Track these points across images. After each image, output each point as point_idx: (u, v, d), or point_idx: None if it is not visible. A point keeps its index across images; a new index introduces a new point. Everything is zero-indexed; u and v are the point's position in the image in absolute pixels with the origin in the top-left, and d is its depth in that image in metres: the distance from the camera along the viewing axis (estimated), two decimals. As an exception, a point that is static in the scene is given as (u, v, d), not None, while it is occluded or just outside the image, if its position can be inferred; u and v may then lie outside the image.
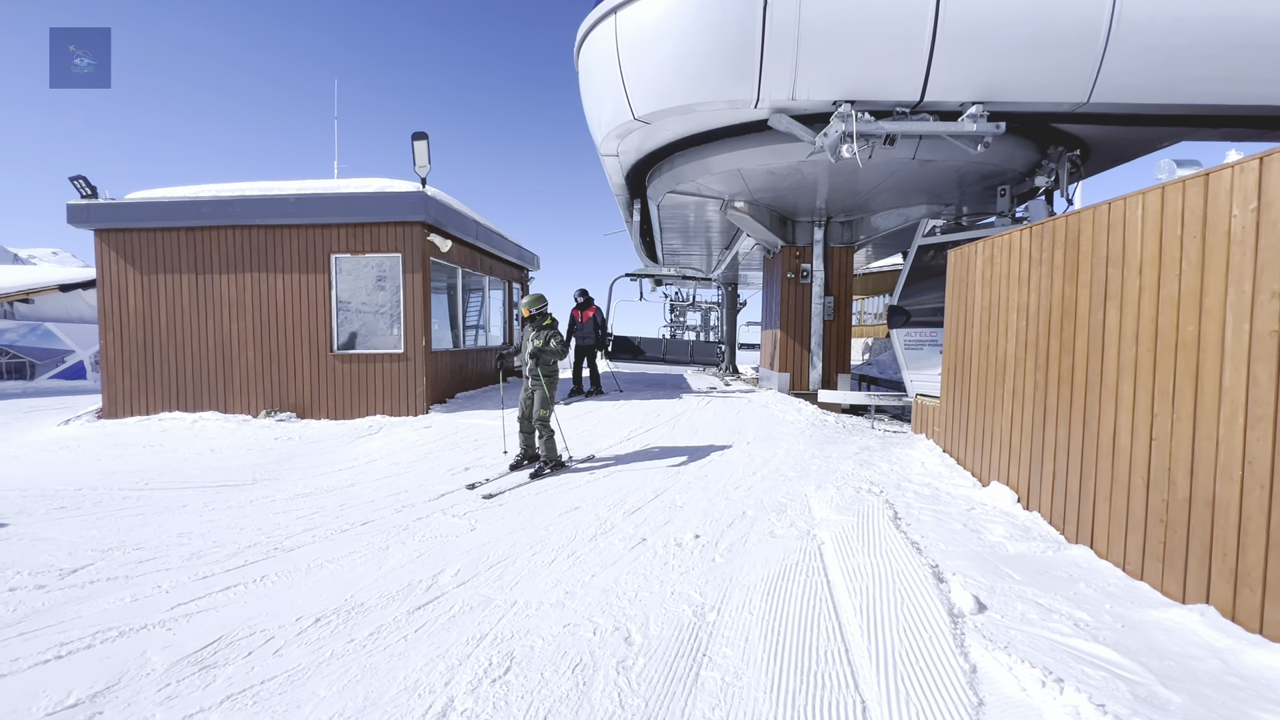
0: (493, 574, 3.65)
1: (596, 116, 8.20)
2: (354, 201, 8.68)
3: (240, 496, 5.43)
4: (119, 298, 8.98)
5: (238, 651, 2.89)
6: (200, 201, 8.79)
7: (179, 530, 4.56)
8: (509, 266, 13.23)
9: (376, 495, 5.39)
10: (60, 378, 16.55)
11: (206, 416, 8.49)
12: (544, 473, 5.78)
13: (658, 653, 2.73)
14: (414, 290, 8.79)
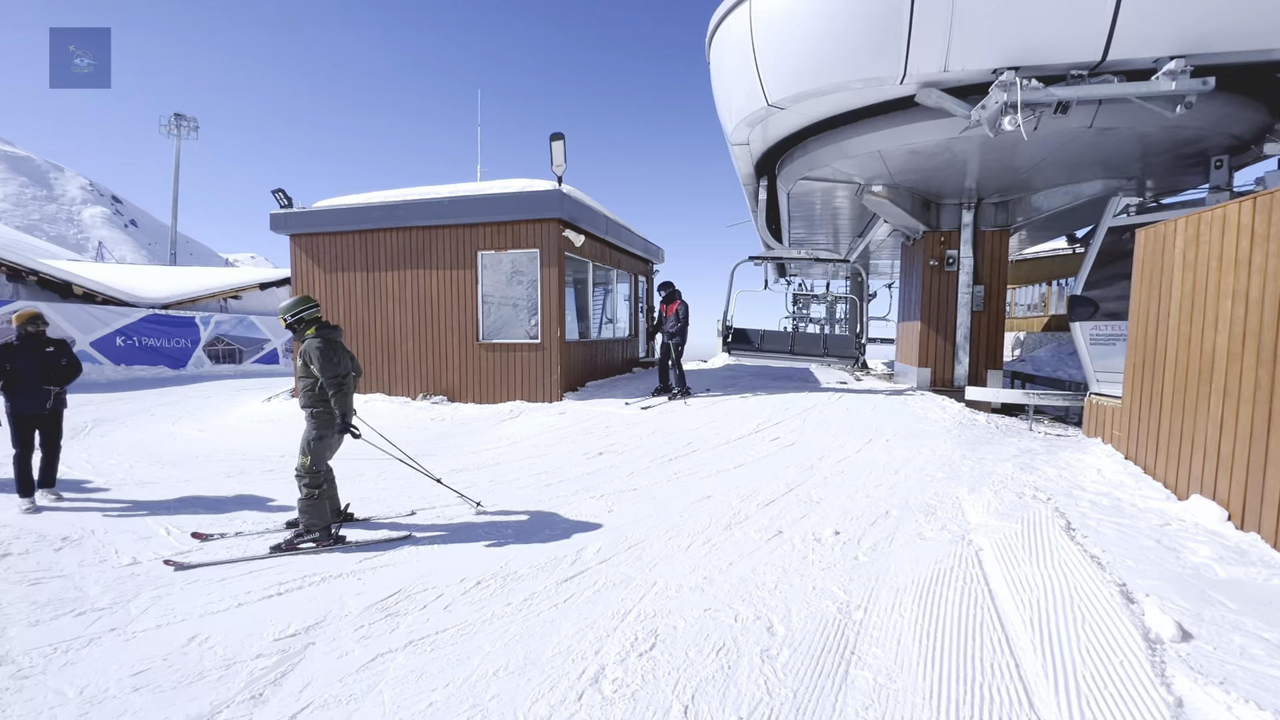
0: (631, 554, 3.78)
1: (727, 106, 8.13)
2: (498, 201, 9.33)
3: (406, 469, 6.08)
4: (308, 293, 10.39)
5: (415, 604, 3.25)
6: (371, 207, 9.91)
7: (361, 495, 5.20)
8: (635, 259, 13.53)
9: (520, 474, 5.79)
10: (260, 362, 19.50)
11: (375, 398, 9.60)
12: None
13: (802, 646, 2.69)
14: (550, 283, 9.29)
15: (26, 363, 4.88)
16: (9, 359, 4.86)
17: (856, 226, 13.09)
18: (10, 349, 4.90)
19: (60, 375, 5.03)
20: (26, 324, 5.00)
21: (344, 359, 4.13)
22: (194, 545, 4.11)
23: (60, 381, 5.03)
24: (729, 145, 8.96)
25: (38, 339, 5.02)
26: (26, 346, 4.95)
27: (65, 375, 5.07)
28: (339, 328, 4.34)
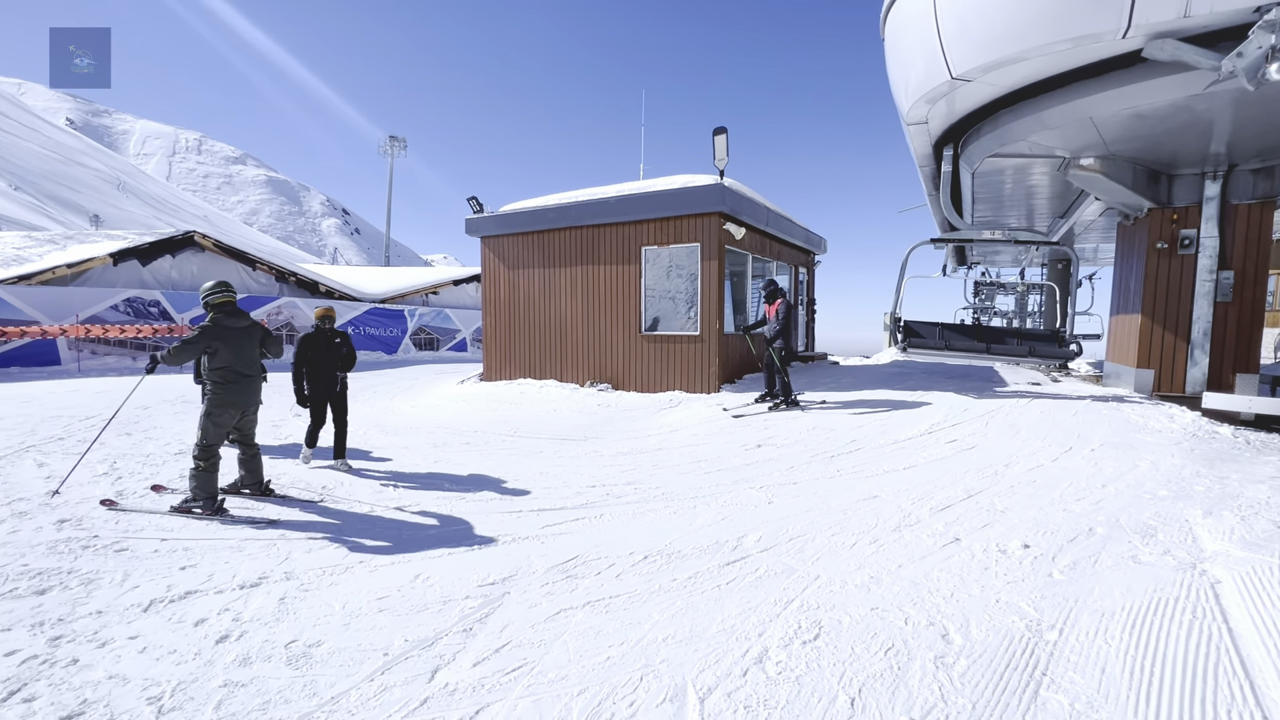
0: (793, 546, 3.79)
1: (903, 83, 7.60)
2: (661, 198, 9.67)
3: (577, 449, 6.63)
4: (494, 289, 11.67)
5: (590, 569, 3.58)
6: (547, 209, 10.82)
7: (540, 470, 5.79)
8: (796, 251, 13.18)
9: (681, 461, 6.02)
10: (453, 350, 22.22)
11: (549, 384, 10.52)
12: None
13: (983, 658, 2.53)
14: (710, 277, 9.44)
15: (320, 352, 5.74)
16: (310, 348, 5.72)
17: (1057, 206, 11.47)
18: (310, 340, 5.75)
19: (344, 363, 5.85)
20: (323, 320, 5.83)
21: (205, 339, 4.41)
22: (413, 499, 4.90)
23: (344, 368, 5.86)
24: (904, 125, 8.37)
25: (328, 332, 5.82)
26: (321, 338, 5.79)
27: (347, 363, 5.87)
28: (234, 314, 4.61)
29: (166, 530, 4.16)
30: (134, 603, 3.18)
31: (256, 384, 4.70)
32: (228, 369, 4.52)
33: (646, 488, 5.15)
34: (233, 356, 4.53)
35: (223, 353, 4.50)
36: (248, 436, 4.80)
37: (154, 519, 4.37)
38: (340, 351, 5.80)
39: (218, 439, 4.50)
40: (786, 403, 8.21)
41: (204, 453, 4.43)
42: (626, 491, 5.06)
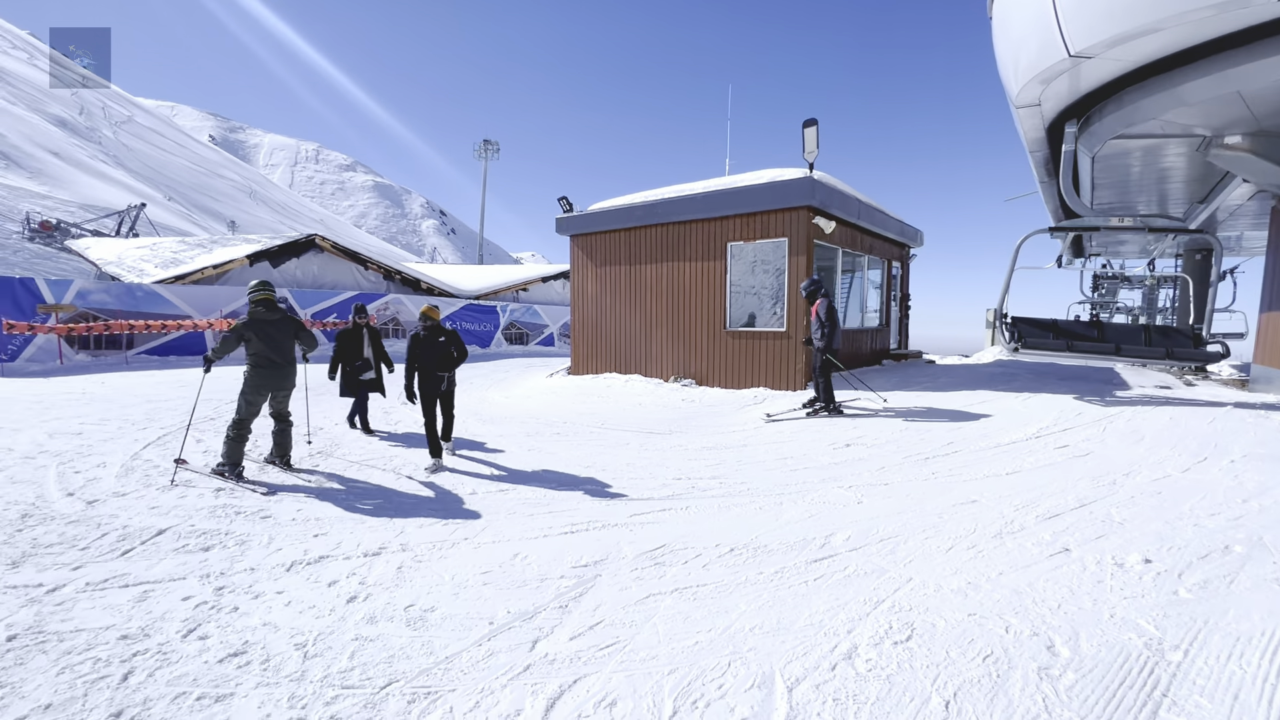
0: (884, 547, 3.72)
1: (1013, 63, 7.11)
2: (748, 193, 9.60)
3: (663, 442, 6.76)
4: (582, 286, 12.04)
5: (677, 558, 3.69)
6: (634, 206, 11.02)
7: (627, 461, 5.97)
8: (889, 244, 12.64)
9: (766, 457, 6.00)
10: (541, 344, 23.08)
11: (634, 379, 10.75)
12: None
13: (1093, 674, 2.40)
14: (797, 272, 9.27)
15: (428, 352, 5.62)
16: (417, 347, 5.62)
17: (1195, 190, 10.29)
18: (418, 340, 5.62)
19: (450, 363, 5.74)
20: (425, 319, 5.69)
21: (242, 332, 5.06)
22: (510, 484, 5.21)
23: (449, 368, 5.73)
24: (1013, 109, 7.82)
25: (434, 330, 5.66)
26: (427, 338, 5.64)
27: (454, 362, 5.78)
28: (271, 309, 5.20)
29: (302, 501, 4.69)
30: (278, 563, 3.62)
31: (287, 370, 5.28)
32: (260, 356, 5.12)
33: (732, 483, 5.19)
34: (265, 346, 5.12)
35: (255, 343, 5.11)
36: (280, 414, 5.41)
37: (294, 492, 4.93)
38: (447, 351, 5.73)
39: (250, 415, 5.15)
40: (827, 409, 7.64)
41: (236, 426, 5.11)
42: (712, 485, 5.13)
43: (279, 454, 5.47)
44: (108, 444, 6.07)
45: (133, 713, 2.27)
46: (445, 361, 5.69)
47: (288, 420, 5.48)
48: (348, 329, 7.24)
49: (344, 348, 7.15)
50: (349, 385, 7.17)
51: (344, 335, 7.19)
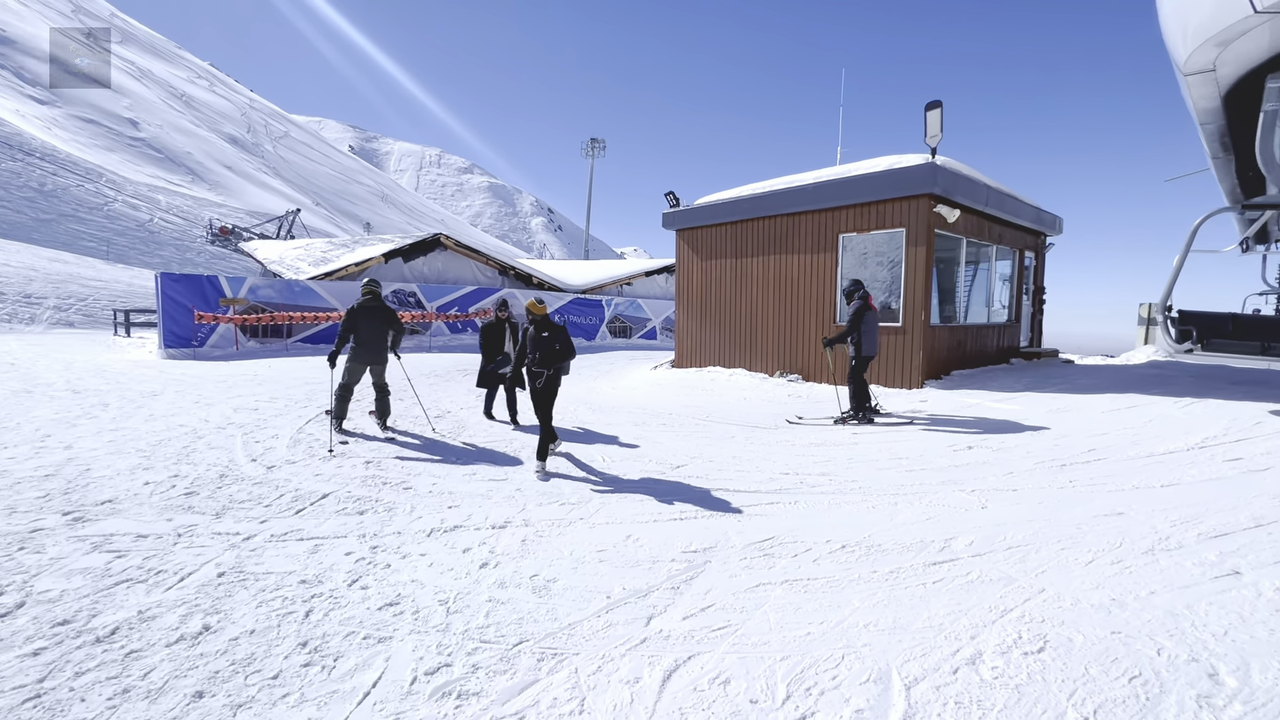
0: (1011, 555, 3.50)
1: (1182, 25, 6.30)
2: (863, 183, 9.22)
3: (769, 437, 6.72)
4: (687, 280, 12.14)
5: (786, 551, 3.70)
6: (741, 199, 10.94)
7: (733, 454, 6.00)
8: (1022, 233, 11.61)
9: (879, 456, 5.80)
10: (644, 337, 23.49)
11: (738, 373, 10.70)
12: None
13: (1267, 708, 2.16)
14: (916, 264, 8.79)
15: (532, 346, 5.42)
16: (524, 342, 5.48)
17: None
18: (526, 335, 5.47)
19: (553, 358, 5.40)
20: (530, 312, 5.51)
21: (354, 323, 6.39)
22: (621, 469, 5.43)
23: (550, 363, 5.39)
24: (1181, 77, 6.92)
25: (540, 324, 5.41)
26: (533, 333, 5.40)
27: (557, 358, 5.41)
28: (373, 301, 6.49)
29: (436, 476, 5.18)
30: (420, 529, 4.05)
31: (378, 349, 6.56)
32: (359, 335, 6.47)
33: (841, 480, 5.08)
34: (362, 331, 6.46)
35: (359, 328, 6.45)
36: (380, 384, 6.69)
37: (430, 466, 5.46)
38: (550, 347, 5.39)
39: (350, 382, 6.52)
40: (857, 416, 7.22)
41: (341, 389, 6.48)
42: (821, 482, 5.05)
43: (380, 414, 6.70)
44: (278, 419, 7.01)
45: (315, 644, 2.68)
46: (547, 358, 5.39)
47: (385, 389, 6.72)
48: (491, 323, 7.47)
49: (487, 342, 7.39)
50: (486, 378, 7.39)
51: (488, 330, 7.46)
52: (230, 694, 2.32)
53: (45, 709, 2.21)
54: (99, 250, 36.06)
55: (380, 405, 6.67)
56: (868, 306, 7.16)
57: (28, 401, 7.55)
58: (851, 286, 7.32)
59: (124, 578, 3.22)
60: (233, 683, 2.39)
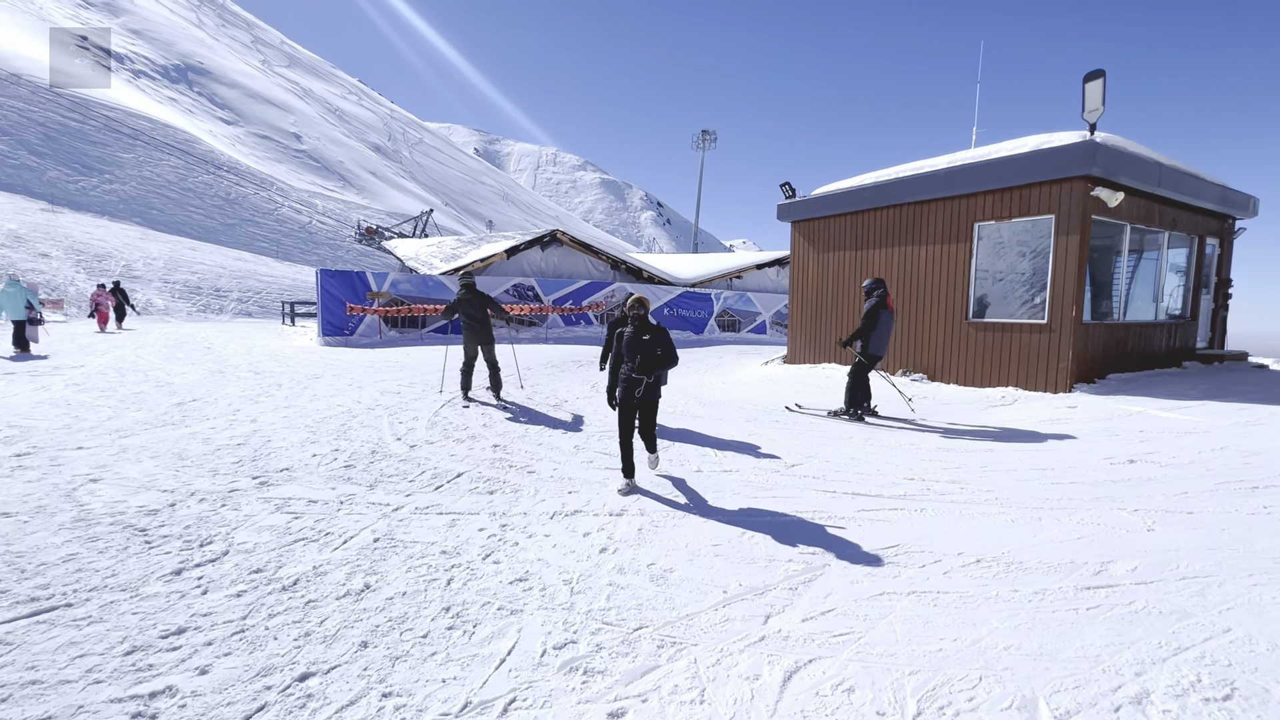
0: (1186, 586, 3.08)
1: None
2: (1004, 166, 8.42)
3: (890, 439, 6.38)
4: (802, 273, 11.77)
5: (913, 560, 3.51)
6: (863, 188, 10.40)
7: (851, 455, 5.77)
8: (1202, 216, 10.03)
9: (1018, 465, 5.31)
10: (753, 332, 23.09)
11: (855, 370, 10.23)
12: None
13: None
14: (1067, 254, 7.90)
15: (628, 349, 4.64)
16: (618, 343, 4.71)
17: None
18: (619, 335, 4.74)
19: (653, 364, 4.62)
20: (632, 309, 4.76)
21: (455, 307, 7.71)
22: (734, 464, 5.41)
23: (649, 370, 4.60)
24: None
25: (641, 325, 4.70)
26: (633, 334, 4.66)
27: (658, 364, 4.63)
28: (470, 290, 7.76)
29: (556, 463, 5.45)
30: (543, 511, 4.29)
31: (480, 329, 7.75)
32: (465, 319, 7.74)
33: (975, 489, 4.72)
34: (465, 315, 7.72)
35: (462, 313, 7.72)
36: (489, 361, 7.87)
37: (551, 453, 5.76)
38: (651, 352, 4.60)
39: (468, 359, 7.81)
40: (849, 413, 7.32)
41: (464, 367, 7.83)
42: (950, 489, 4.72)
43: (494, 387, 7.98)
44: (416, 403, 7.70)
45: (456, 609, 2.94)
46: (647, 363, 4.63)
47: (496, 365, 7.93)
48: (618, 319, 5.86)
49: (613, 338, 6.34)
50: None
51: (615, 325, 5.99)
52: (389, 647, 2.61)
53: (248, 642, 2.61)
54: (270, 250, 41.42)
55: (493, 380, 7.91)
56: (884, 306, 7.20)
57: (220, 381, 8.86)
58: (873, 284, 7.37)
59: (300, 536, 3.71)
60: (390, 637, 2.69)
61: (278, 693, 2.28)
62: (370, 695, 2.29)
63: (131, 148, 48.51)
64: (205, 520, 3.87)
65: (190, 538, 3.61)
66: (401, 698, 2.29)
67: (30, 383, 8.18)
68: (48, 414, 6.44)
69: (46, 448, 5.22)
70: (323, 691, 2.31)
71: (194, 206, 44.81)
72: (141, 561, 3.28)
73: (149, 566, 3.23)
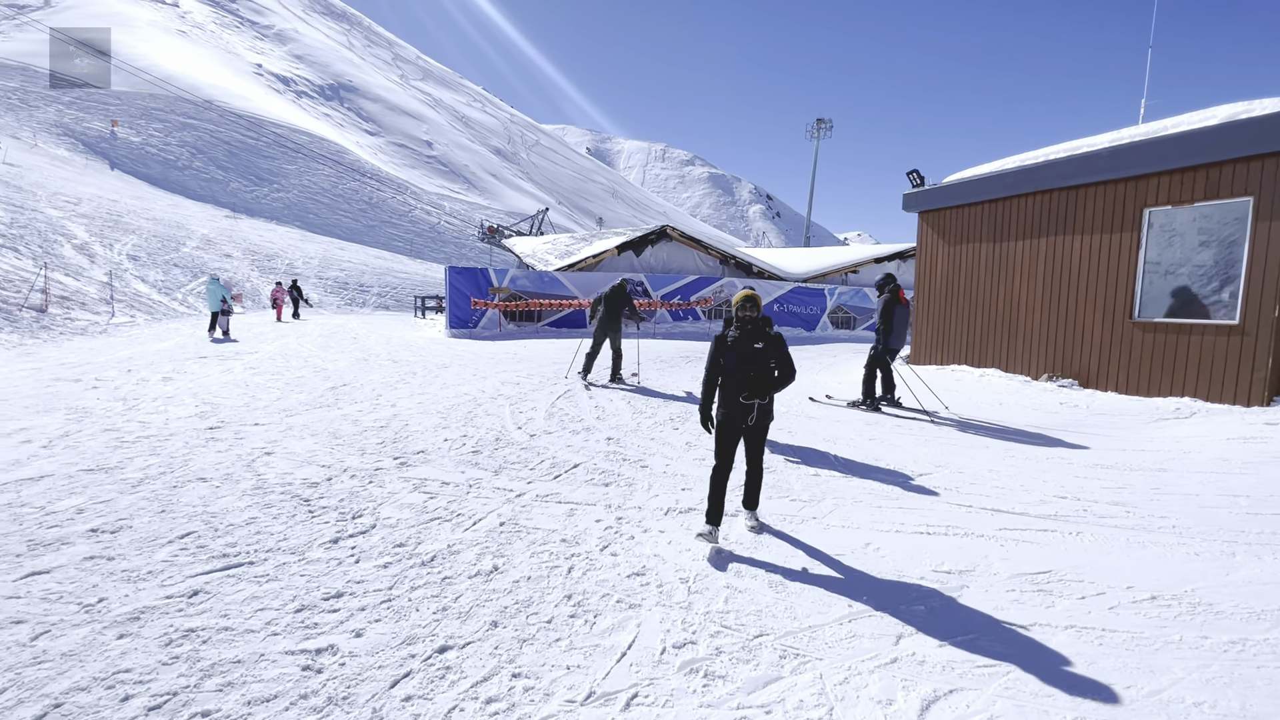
0: None
1: None
2: (1188, 141, 7.28)
3: (1034, 451, 5.75)
4: (930, 267, 10.94)
5: (1069, 590, 3.13)
6: (1003, 174, 9.45)
7: (988, 466, 5.27)
8: None
9: (1200, 489, 4.58)
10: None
11: (990, 373, 9.35)
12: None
13: None
14: (1269, 242, 6.69)
15: (734, 359, 3.61)
16: (722, 353, 3.64)
17: None
18: (722, 343, 3.67)
19: (765, 384, 3.62)
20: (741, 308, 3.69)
21: (601, 299, 8.92)
22: (854, 469, 5.13)
23: (763, 391, 3.62)
24: None
25: (754, 330, 3.63)
26: (740, 341, 3.61)
27: (769, 384, 3.65)
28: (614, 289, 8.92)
29: (669, 458, 5.47)
30: (657, 506, 4.31)
31: (613, 322, 8.85)
32: (603, 312, 8.85)
33: (1144, 514, 4.13)
34: (606, 309, 8.85)
35: (602, 307, 8.88)
36: (615, 349, 8.97)
37: (663, 449, 5.79)
38: (764, 365, 3.62)
39: (595, 346, 8.94)
40: (865, 403, 7.79)
41: (591, 351, 8.96)
42: (1113, 512, 4.17)
43: (614, 370, 9.02)
44: (535, 393, 8.05)
45: (577, 599, 3.02)
46: (759, 382, 3.60)
47: (620, 354, 9.02)
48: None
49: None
50: None
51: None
52: (516, 629, 2.73)
53: (394, 611, 2.84)
54: (405, 248, 45.30)
55: (615, 364, 9.04)
56: (897, 300, 7.45)
57: (365, 368, 9.80)
58: (883, 280, 7.69)
59: (435, 515, 3.99)
60: (518, 619, 2.81)
61: (420, 661, 2.46)
62: (501, 674, 2.40)
63: (294, 160, 54.93)
64: (356, 495, 4.28)
65: (344, 510, 4.00)
66: (529, 679, 2.38)
67: (218, 365, 9.51)
68: (231, 393, 7.44)
69: (231, 423, 6.03)
70: (459, 665, 2.46)
71: (343, 210, 49.96)
72: (306, 529, 3.69)
73: (312, 534, 3.62)
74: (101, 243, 21.32)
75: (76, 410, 6.25)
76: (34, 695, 2.16)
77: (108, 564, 3.13)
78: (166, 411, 6.39)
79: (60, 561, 3.13)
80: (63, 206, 23.70)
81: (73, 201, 25.20)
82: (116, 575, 3.02)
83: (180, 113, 54.39)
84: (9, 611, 2.67)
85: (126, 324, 14.88)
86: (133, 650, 2.44)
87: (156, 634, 2.56)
